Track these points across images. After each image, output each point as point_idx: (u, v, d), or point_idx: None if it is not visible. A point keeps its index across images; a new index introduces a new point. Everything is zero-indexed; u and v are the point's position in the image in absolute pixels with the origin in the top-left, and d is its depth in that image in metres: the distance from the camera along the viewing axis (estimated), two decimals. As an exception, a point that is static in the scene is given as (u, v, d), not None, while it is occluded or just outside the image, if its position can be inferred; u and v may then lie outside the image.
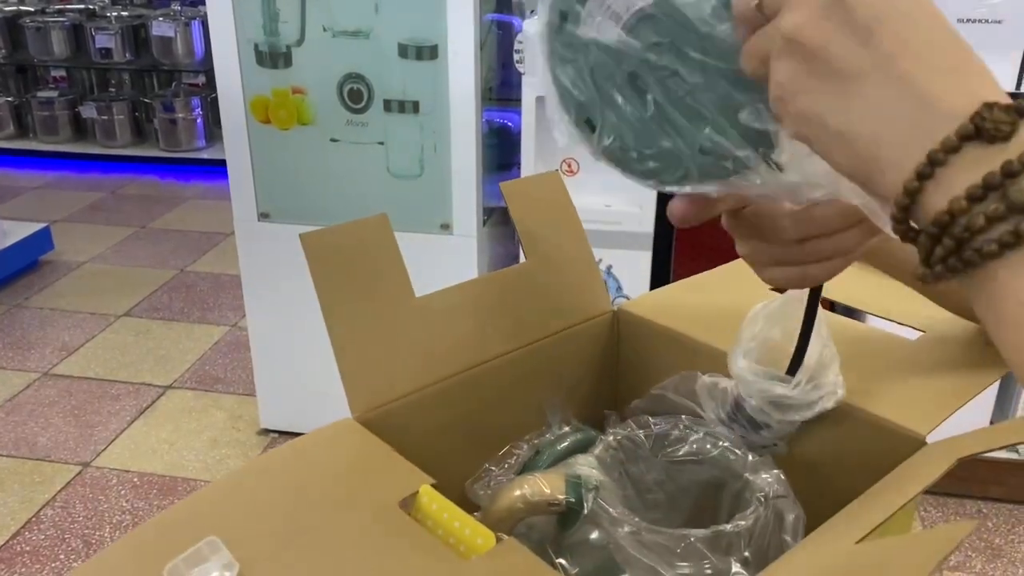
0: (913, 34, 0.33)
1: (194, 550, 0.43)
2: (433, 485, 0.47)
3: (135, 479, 2.07)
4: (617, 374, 0.71)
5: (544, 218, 0.67)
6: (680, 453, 0.56)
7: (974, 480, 1.97)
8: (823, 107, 0.35)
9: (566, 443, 0.55)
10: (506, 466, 0.56)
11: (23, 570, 1.80)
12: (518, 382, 0.64)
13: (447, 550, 0.43)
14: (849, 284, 0.70)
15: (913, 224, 0.33)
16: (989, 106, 0.31)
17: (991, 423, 1.98)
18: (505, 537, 0.44)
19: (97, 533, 1.90)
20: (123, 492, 2.03)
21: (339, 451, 0.53)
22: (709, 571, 0.45)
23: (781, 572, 0.42)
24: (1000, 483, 1.96)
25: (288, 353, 2.07)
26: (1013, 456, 1.96)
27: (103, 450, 2.17)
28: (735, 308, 0.66)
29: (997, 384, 1.82)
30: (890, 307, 0.67)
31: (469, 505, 0.54)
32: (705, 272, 0.75)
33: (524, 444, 0.57)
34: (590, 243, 0.69)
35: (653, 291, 0.74)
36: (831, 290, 0.67)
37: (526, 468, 0.55)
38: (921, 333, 0.64)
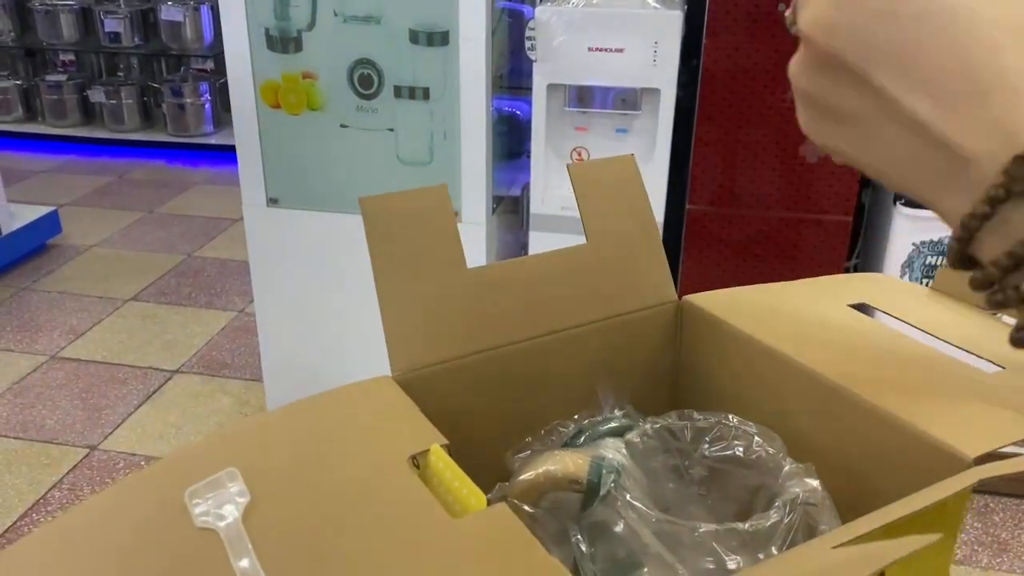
0: (918, 67, 0.30)
1: (215, 478, 0.46)
2: (446, 446, 0.48)
3: (142, 462, 2.07)
4: (679, 366, 0.70)
5: (610, 200, 0.66)
6: (720, 450, 0.55)
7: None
8: (844, 145, 0.34)
9: (609, 426, 0.55)
10: (549, 442, 0.56)
11: (30, 551, 1.80)
12: (569, 362, 0.64)
13: (438, 507, 0.44)
14: (929, 312, 0.67)
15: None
16: (1020, 159, 0.27)
17: None
18: (517, 506, 0.44)
19: (104, 515, 1.91)
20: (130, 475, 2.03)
21: (368, 403, 0.55)
22: (712, 566, 0.45)
23: (758, 572, 0.42)
24: (1007, 478, 1.96)
25: (295, 339, 2.07)
26: (1021, 451, 1.95)
27: (110, 433, 2.18)
28: (802, 315, 0.65)
29: None
30: (972, 339, 0.63)
31: (507, 474, 0.55)
32: (786, 282, 0.72)
33: (571, 423, 0.57)
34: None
35: (724, 289, 0.71)
36: (909, 314, 0.65)
37: (565, 447, 0.55)
38: (1000, 369, 0.60)
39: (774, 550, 0.46)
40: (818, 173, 1.80)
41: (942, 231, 1.80)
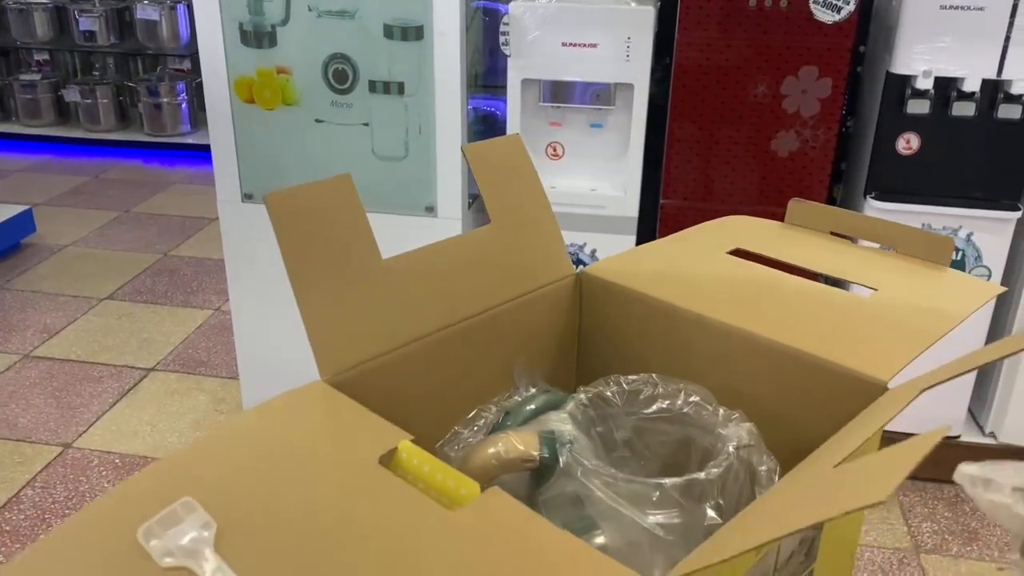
0: None
1: (168, 511, 0.42)
2: (413, 441, 0.47)
3: (117, 460, 2.06)
4: (581, 336, 0.72)
5: (507, 181, 0.67)
6: (651, 410, 0.56)
7: (952, 465, 1.99)
8: None
9: (534, 404, 0.56)
10: (475, 428, 0.56)
11: (3, 550, 1.79)
12: (485, 345, 0.64)
13: (432, 503, 0.42)
14: (803, 248, 0.73)
15: None
16: None
17: (971, 399, 2.00)
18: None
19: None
20: (104, 473, 2.02)
21: (313, 411, 0.53)
22: (682, 519, 0.45)
23: (767, 503, 0.42)
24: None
25: (271, 336, 2.07)
26: (990, 442, 1.98)
27: (84, 431, 2.17)
28: (691, 269, 0.69)
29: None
30: (844, 268, 0.69)
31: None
32: (662, 239, 0.77)
33: (492, 406, 0.58)
34: (574, 227, 0.69)
35: (613, 256, 0.74)
36: (782, 253, 0.70)
37: (495, 430, 0.55)
38: (874, 291, 0.66)
39: (730, 495, 0.47)
40: (790, 167, 1.82)
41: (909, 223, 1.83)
